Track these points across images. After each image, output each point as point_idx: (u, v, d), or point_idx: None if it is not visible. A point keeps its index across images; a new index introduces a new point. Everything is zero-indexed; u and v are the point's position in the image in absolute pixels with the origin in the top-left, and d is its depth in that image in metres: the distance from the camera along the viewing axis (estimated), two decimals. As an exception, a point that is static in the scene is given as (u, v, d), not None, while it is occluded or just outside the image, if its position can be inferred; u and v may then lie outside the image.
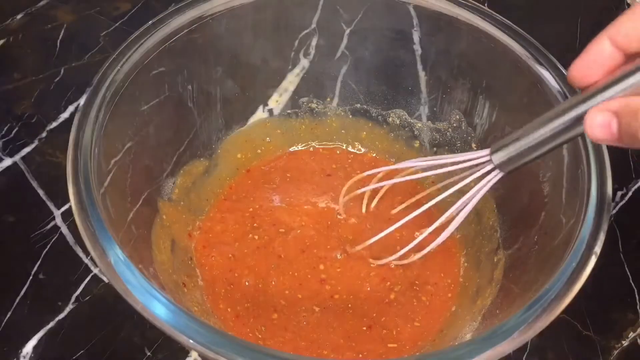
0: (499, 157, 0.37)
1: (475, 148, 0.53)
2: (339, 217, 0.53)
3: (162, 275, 0.42)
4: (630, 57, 0.31)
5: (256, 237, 0.52)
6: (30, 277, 0.52)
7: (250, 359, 0.30)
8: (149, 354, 0.48)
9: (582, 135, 0.33)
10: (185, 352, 0.48)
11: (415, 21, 0.51)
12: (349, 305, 0.48)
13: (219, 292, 0.49)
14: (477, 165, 0.39)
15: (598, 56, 0.32)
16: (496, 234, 0.49)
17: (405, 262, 0.48)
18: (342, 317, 0.48)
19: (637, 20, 0.30)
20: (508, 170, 0.38)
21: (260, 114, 0.57)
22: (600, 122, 0.30)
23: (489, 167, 0.38)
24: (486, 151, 0.39)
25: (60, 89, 0.65)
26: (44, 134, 0.61)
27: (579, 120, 0.32)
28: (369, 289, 0.49)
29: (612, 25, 0.31)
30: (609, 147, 0.40)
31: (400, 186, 0.51)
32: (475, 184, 0.40)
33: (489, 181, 0.39)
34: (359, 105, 0.58)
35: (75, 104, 0.64)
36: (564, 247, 0.36)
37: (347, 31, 0.54)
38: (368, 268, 0.50)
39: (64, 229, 0.54)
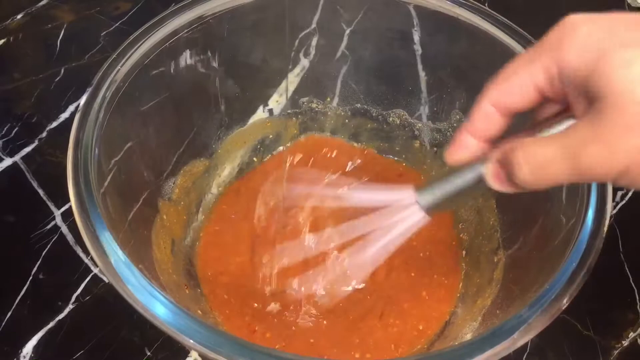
0: (425, 200, 0.36)
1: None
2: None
3: (163, 275, 0.42)
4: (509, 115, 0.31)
5: (257, 236, 0.52)
6: (30, 277, 0.52)
7: (250, 359, 0.30)
8: (149, 354, 0.48)
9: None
10: (186, 352, 0.48)
11: (415, 21, 0.51)
12: (349, 305, 0.48)
13: (219, 292, 0.49)
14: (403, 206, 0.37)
15: (488, 128, 0.31)
16: (496, 233, 0.49)
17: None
18: (342, 317, 0.48)
19: (524, 74, 0.29)
20: (430, 212, 0.36)
21: (260, 113, 0.57)
22: (491, 173, 0.30)
23: (415, 209, 0.36)
24: (411, 193, 0.36)
25: (60, 88, 0.65)
26: (44, 134, 0.61)
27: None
28: (368, 288, 0.49)
29: (494, 87, 0.30)
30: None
31: None
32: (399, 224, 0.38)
33: (414, 223, 0.37)
34: (359, 105, 0.58)
35: (75, 104, 0.64)
36: (564, 247, 0.36)
37: (347, 31, 0.54)
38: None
39: (64, 229, 0.54)
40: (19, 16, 0.72)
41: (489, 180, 0.31)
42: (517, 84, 0.29)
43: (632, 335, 0.51)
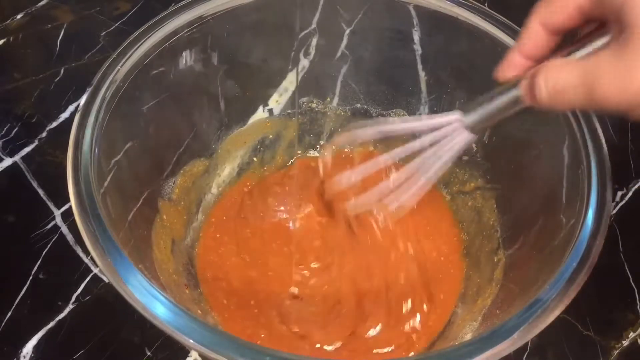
0: (469, 119, 0.39)
1: (475, 148, 0.53)
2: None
3: (163, 275, 0.42)
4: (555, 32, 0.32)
5: (256, 237, 0.52)
6: (30, 277, 0.52)
7: (250, 359, 0.30)
8: (149, 354, 0.48)
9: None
10: (186, 352, 0.48)
11: (415, 21, 0.51)
12: (349, 306, 0.48)
13: (219, 293, 0.49)
14: (449, 126, 0.40)
15: (535, 46, 0.33)
16: (496, 233, 0.49)
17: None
18: (343, 317, 0.48)
19: None
20: (475, 131, 0.39)
21: (260, 113, 0.57)
22: (523, 88, 0.33)
23: (460, 128, 0.39)
24: (456, 114, 0.39)
25: (60, 89, 0.65)
26: (44, 134, 0.61)
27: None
28: (369, 289, 0.49)
29: (543, 5, 0.32)
30: (610, 148, 0.40)
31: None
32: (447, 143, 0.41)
33: (460, 140, 0.40)
34: (359, 105, 0.58)
35: (75, 104, 0.64)
36: (564, 247, 0.36)
37: (347, 31, 0.54)
38: (368, 268, 0.50)
39: (64, 229, 0.54)
40: (19, 16, 0.72)
41: (522, 94, 0.33)
42: (564, 2, 0.31)
43: (632, 335, 0.51)
